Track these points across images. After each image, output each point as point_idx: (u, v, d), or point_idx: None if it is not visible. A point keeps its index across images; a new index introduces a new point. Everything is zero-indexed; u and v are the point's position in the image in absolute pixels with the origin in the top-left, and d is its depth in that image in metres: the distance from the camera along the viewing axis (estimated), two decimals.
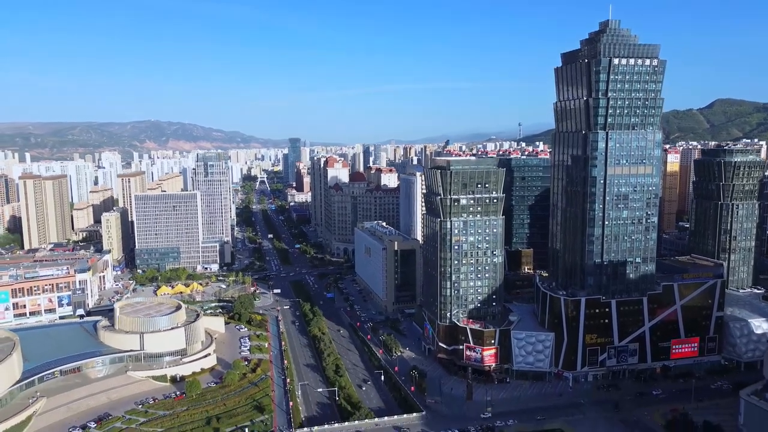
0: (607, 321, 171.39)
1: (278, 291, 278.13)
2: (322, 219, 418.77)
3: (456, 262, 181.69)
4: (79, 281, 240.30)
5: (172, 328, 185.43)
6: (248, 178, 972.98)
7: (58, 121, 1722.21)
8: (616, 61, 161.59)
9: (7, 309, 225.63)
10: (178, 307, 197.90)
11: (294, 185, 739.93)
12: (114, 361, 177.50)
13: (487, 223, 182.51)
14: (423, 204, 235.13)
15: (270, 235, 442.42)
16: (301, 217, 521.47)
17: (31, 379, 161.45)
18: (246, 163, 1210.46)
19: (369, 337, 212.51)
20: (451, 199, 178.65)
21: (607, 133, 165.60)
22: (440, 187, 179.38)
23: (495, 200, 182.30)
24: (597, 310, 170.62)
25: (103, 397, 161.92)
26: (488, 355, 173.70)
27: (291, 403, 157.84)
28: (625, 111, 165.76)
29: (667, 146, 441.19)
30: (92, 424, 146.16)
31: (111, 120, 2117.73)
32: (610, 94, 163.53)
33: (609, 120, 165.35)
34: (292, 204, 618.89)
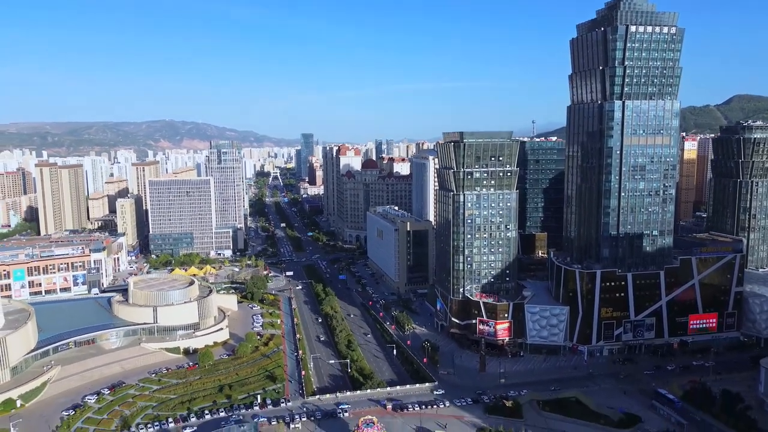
0: (623, 295, 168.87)
1: (290, 273, 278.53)
2: (335, 208, 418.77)
3: (469, 236, 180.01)
4: (94, 260, 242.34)
5: (185, 302, 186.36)
6: (261, 174, 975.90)
7: (74, 121, 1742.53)
8: (633, 28, 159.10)
9: (23, 287, 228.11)
10: (192, 283, 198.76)
11: (306, 179, 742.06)
12: (128, 333, 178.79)
13: (501, 197, 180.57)
14: (435, 186, 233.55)
15: (283, 224, 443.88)
16: (313, 207, 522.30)
17: (46, 348, 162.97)
18: (259, 160, 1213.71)
19: (381, 315, 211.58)
20: (464, 172, 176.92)
21: (623, 103, 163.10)
22: (453, 160, 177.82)
23: (509, 173, 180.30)
24: (613, 284, 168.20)
25: (116, 366, 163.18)
26: (501, 329, 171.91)
27: (303, 373, 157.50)
28: (642, 80, 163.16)
29: (684, 134, 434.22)
30: (106, 391, 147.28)
31: (126, 120, 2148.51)
32: (626, 63, 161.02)
33: (626, 89, 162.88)
34: (304, 196, 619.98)
